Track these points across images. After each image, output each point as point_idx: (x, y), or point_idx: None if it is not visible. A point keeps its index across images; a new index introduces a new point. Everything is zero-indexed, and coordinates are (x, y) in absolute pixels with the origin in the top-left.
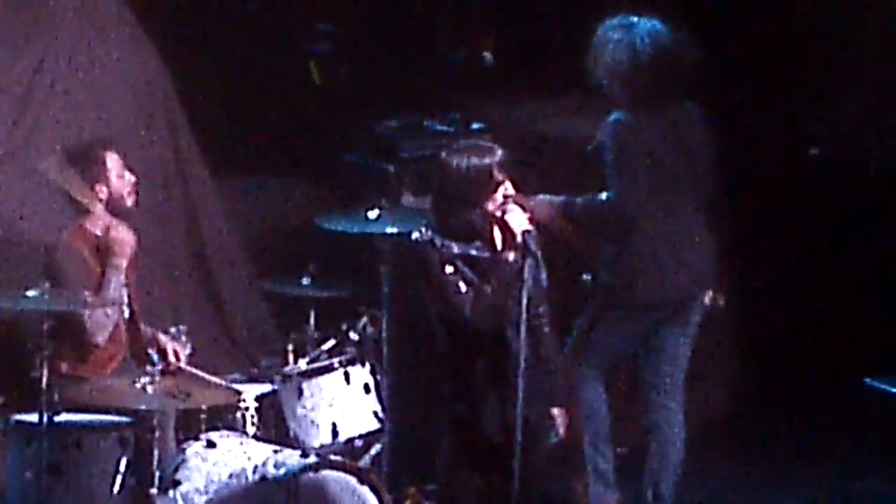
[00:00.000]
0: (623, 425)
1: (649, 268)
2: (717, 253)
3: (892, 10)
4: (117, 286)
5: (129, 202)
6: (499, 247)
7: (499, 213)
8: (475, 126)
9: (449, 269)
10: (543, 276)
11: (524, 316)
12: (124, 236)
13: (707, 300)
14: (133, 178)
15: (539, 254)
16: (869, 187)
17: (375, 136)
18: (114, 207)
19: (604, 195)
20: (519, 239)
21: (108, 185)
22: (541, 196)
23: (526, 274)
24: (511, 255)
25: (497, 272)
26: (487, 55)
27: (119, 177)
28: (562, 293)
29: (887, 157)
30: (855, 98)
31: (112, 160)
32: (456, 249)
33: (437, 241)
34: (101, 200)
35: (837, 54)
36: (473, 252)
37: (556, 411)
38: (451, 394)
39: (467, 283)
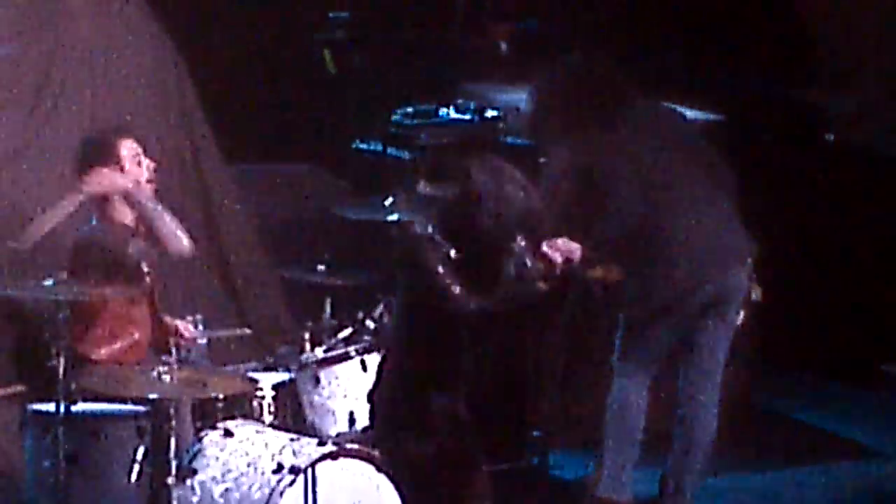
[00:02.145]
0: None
1: (670, 269)
2: (748, 239)
3: None
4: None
5: (152, 184)
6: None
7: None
8: (490, 114)
9: (442, 268)
10: None
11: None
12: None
13: (747, 292)
14: (151, 164)
15: None
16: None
17: (390, 124)
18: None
19: (598, 226)
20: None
21: (122, 173)
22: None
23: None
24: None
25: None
26: (502, 43)
27: (135, 164)
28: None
29: None
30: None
31: (127, 147)
32: (453, 254)
33: (437, 238)
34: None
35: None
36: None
37: None
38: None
39: (460, 285)
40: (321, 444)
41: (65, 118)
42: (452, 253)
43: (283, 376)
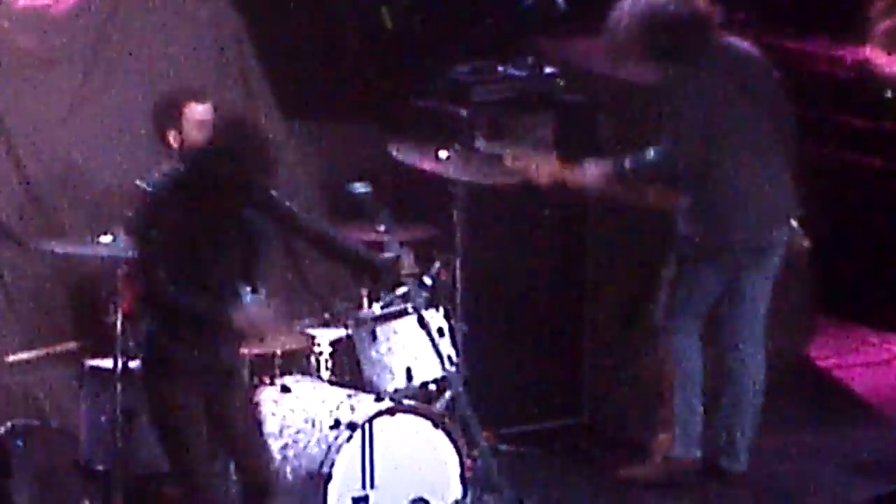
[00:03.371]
0: None
1: (727, 212)
2: (795, 192)
3: None
4: None
5: None
6: None
7: None
8: (548, 71)
9: None
10: None
11: None
12: None
13: (787, 239)
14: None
15: None
16: None
17: (448, 80)
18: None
19: (651, 151)
20: None
21: (181, 134)
22: (588, 162)
23: None
24: None
25: None
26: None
27: (197, 129)
28: (643, 249)
29: None
30: None
31: (192, 110)
32: None
33: None
34: (174, 148)
35: None
36: None
37: None
38: None
39: None
40: (378, 399)
41: (121, 76)
42: None
43: (340, 332)
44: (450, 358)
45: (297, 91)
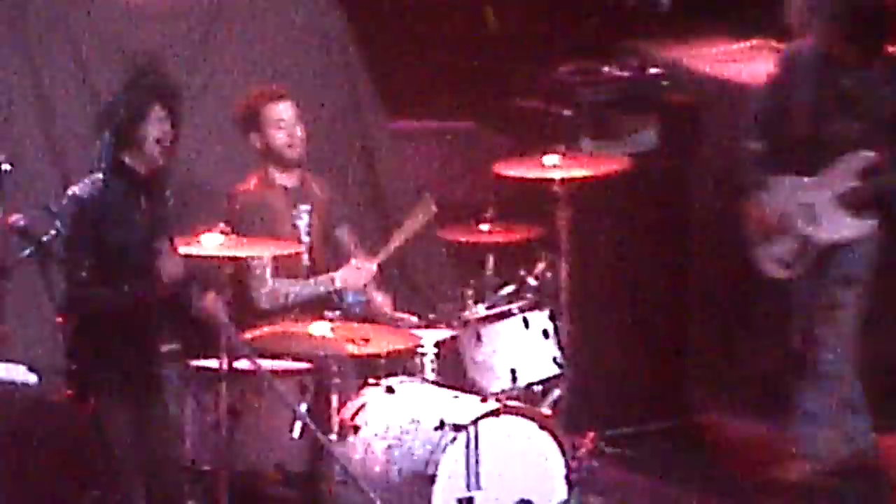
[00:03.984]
0: None
1: None
2: None
3: None
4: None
5: (289, 155)
6: None
7: None
8: (652, 71)
9: None
10: None
11: None
12: (315, 193)
13: None
14: (299, 133)
15: None
16: None
17: (552, 81)
18: (273, 158)
19: None
20: None
21: (261, 135)
22: None
23: None
24: None
25: None
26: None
27: (276, 128)
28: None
29: None
30: None
31: (270, 111)
32: None
33: None
34: (257, 149)
35: None
36: None
37: None
38: None
39: None
40: (483, 401)
41: (224, 75)
42: None
43: (445, 333)
44: (554, 359)
45: (401, 91)
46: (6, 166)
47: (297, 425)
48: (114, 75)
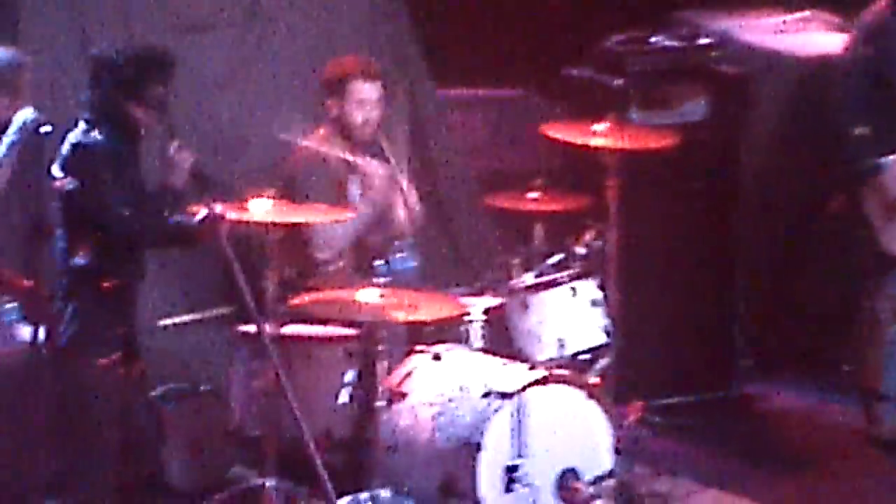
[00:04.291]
0: None
1: None
2: None
3: None
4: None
5: (361, 135)
6: None
7: None
8: (703, 41)
9: None
10: None
11: None
12: (368, 168)
13: None
14: (375, 115)
15: None
16: None
17: (602, 50)
18: (344, 131)
19: None
20: None
21: (339, 106)
22: None
23: None
24: None
25: None
26: None
27: (358, 107)
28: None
29: None
30: None
31: (356, 87)
32: None
33: None
34: (331, 121)
35: None
36: None
37: None
38: None
39: None
40: (531, 369)
41: (274, 45)
42: None
43: (492, 301)
44: (602, 328)
45: (449, 59)
46: (47, 128)
47: (345, 392)
48: (164, 41)
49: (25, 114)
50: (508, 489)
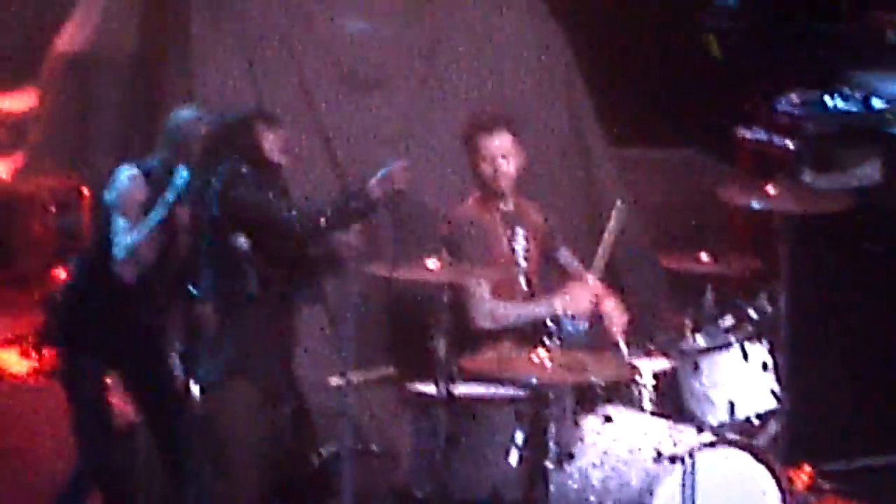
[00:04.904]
0: None
1: None
2: None
3: None
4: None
5: (494, 187)
6: None
7: None
8: (876, 104)
9: None
10: None
11: None
12: (532, 217)
13: None
14: (505, 167)
15: None
16: None
17: (775, 111)
18: (482, 186)
19: None
20: None
21: (472, 162)
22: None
23: None
24: None
25: None
26: (889, 32)
27: (491, 164)
28: None
29: None
30: None
31: (484, 143)
32: None
33: None
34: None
35: None
36: None
37: None
38: None
39: None
40: (700, 431)
41: (448, 100)
42: None
43: (663, 363)
44: (773, 392)
45: (622, 118)
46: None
47: (514, 452)
48: (337, 96)
49: (182, 173)
50: None
